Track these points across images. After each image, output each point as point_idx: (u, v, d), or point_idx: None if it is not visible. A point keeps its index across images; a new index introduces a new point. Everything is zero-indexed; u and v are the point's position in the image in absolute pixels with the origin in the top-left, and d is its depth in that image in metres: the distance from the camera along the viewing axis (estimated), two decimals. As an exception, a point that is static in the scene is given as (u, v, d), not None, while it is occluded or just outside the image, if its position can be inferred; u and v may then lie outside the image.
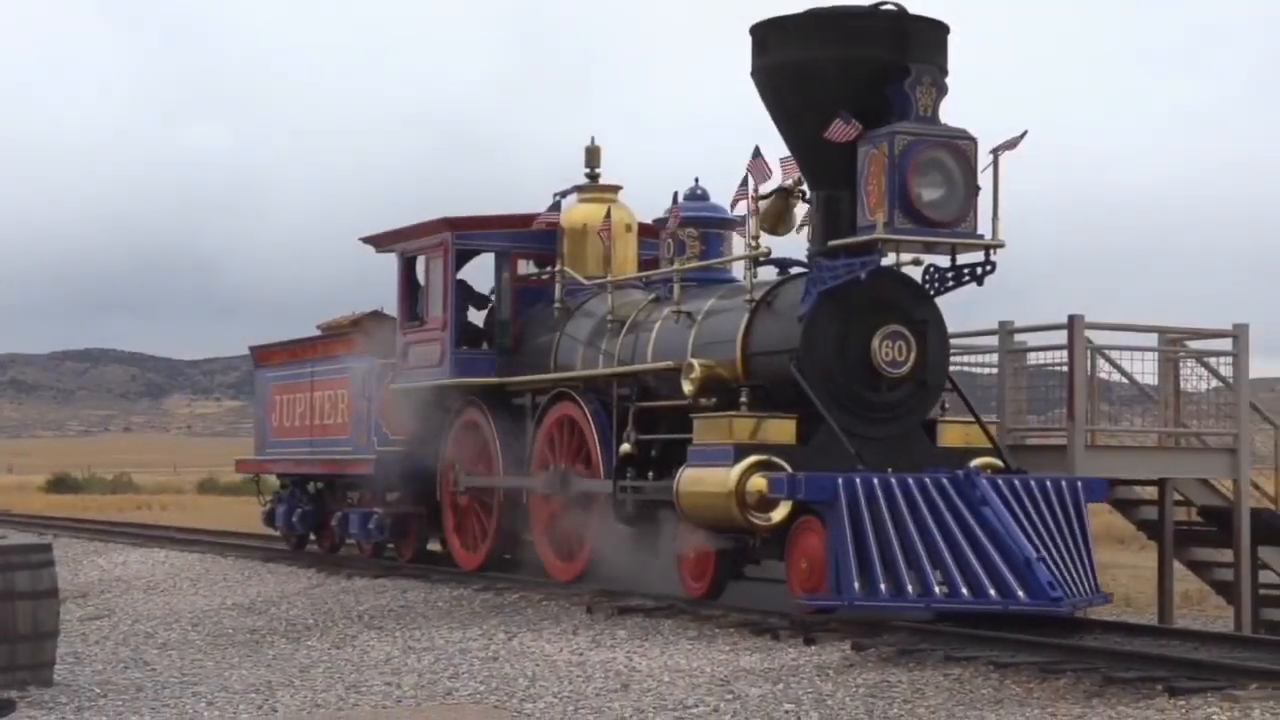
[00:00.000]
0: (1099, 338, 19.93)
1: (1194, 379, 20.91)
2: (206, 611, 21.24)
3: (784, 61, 16.90)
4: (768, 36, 17.09)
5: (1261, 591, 20.31)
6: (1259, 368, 22.18)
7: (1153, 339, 20.56)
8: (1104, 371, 20.17)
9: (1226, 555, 20.43)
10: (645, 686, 13.86)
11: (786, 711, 12.44)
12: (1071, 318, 19.36)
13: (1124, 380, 20.71)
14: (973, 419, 17.85)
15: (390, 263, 24.19)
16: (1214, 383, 20.79)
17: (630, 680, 14.23)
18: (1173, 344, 20.69)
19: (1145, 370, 20.63)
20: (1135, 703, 12.09)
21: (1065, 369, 19.51)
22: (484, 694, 13.90)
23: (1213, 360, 20.65)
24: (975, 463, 16.76)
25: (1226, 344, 20.58)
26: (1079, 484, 16.23)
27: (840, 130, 15.96)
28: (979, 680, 13.36)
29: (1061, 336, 19.61)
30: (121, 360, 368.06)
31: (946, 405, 17.83)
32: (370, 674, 15.31)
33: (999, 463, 17.16)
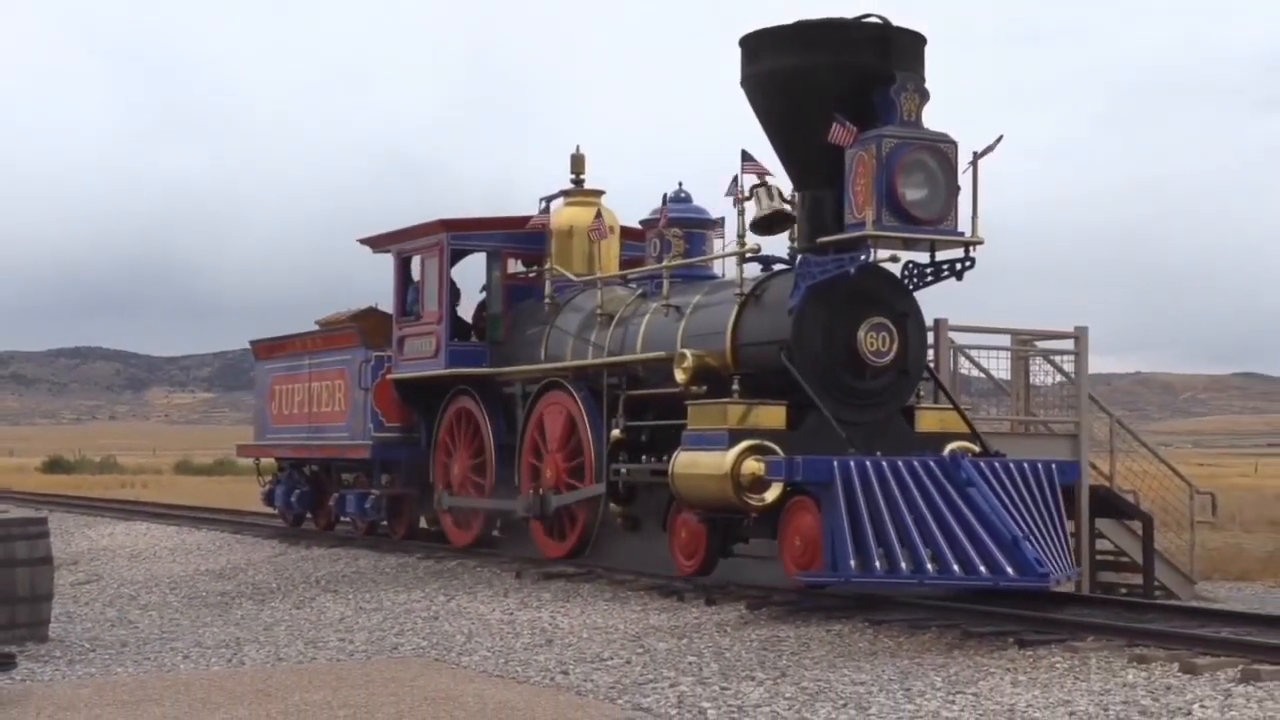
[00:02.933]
0: (960, 338, 19.94)
1: (1041, 374, 21.03)
2: (182, 577, 21.08)
3: (775, 69, 15.85)
4: (759, 46, 16.07)
5: (1098, 558, 20.40)
6: (1097, 364, 22.36)
7: (1006, 339, 20.62)
8: (964, 368, 20.21)
9: (1069, 526, 20.49)
10: (567, 642, 13.85)
11: (690, 663, 12.44)
12: (937, 321, 19.33)
13: (981, 375, 20.76)
14: (950, 405, 16.96)
15: (368, 264, 23.66)
16: (1058, 378, 20.93)
17: (554, 636, 14.21)
18: (1023, 344, 20.77)
19: (999, 367, 20.68)
20: (990, 653, 12.21)
21: (931, 365, 19.51)
22: (426, 649, 13.85)
23: (1057, 358, 20.77)
24: (951, 446, 15.84)
25: (1069, 344, 20.70)
26: (1054, 466, 15.29)
27: (840, 134, 14.99)
28: (856, 635, 13.45)
29: (928, 337, 19.57)
30: (108, 357, 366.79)
31: (921, 393, 16.94)
32: (326, 631, 15.23)
33: (974, 446, 16.20)
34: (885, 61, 15.44)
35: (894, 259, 15.97)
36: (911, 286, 16.30)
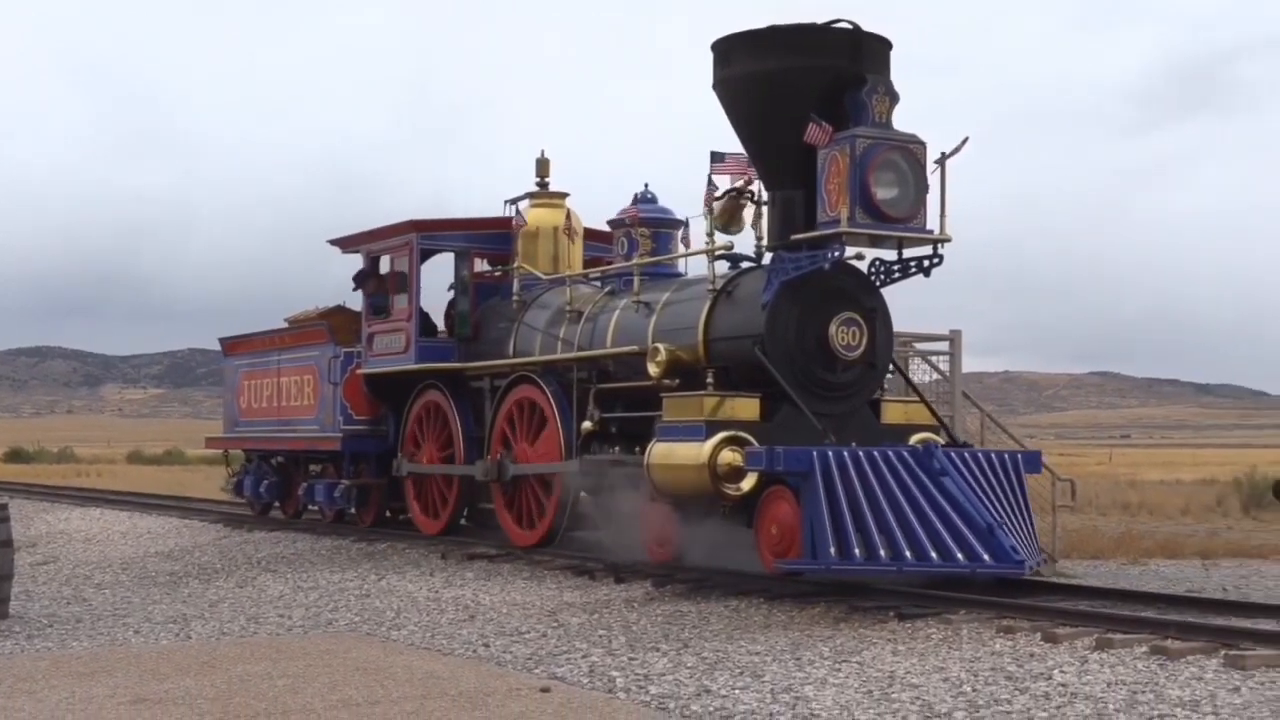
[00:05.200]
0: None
1: (919, 373, 21.08)
2: (133, 558, 20.85)
3: (748, 72, 14.83)
4: (731, 50, 15.04)
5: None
6: (969, 364, 22.40)
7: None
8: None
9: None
10: (488, 617, 13.80)
11: (601, 636, 12.43)
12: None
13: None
14: (916, 398, 16.12)
15: (310, 273, 23.18)
16: (935, 376, 21.02)
17: (476, 612, 14.16)
18: (903, 345, 20.80)
19: (881, 366, 20.66)
20: (873, 625, 12.29)
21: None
22: (358, 624, 13.76)
23: (934, 358, 20.84)
24: (915, 437, 15.03)
25: (944, 345, 20.78)
26: (1019, 456, 14.46)
27: (816, 133, 14.10)
28: (752, 610, 13.47)
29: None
30: (66, 356, 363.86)
31: (886, 386, 16.11)
32: (267, 608, 15.11)
33: (936, 437, 15.35)
34: (856, 65, 14.57)
35: (859, 257, 15.09)
36: (879, 283, 15.45)
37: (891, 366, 16.02)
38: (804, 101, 14.41)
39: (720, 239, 15.88)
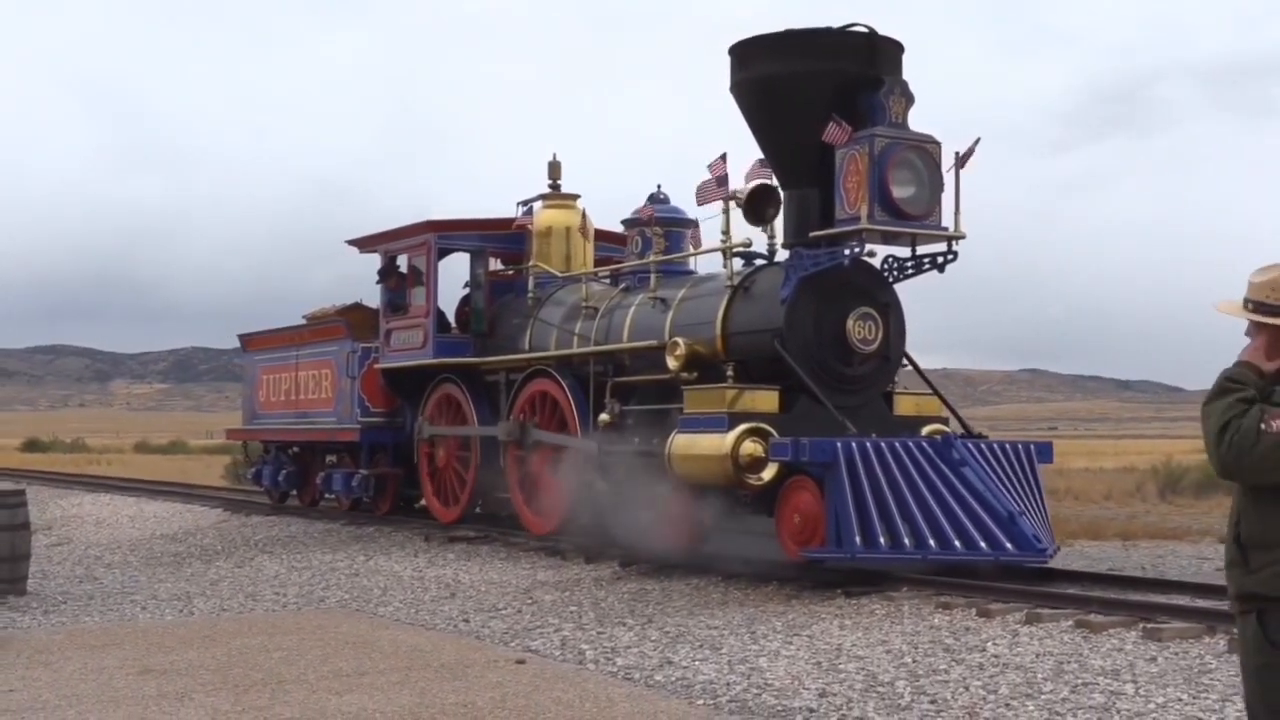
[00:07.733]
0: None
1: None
2: (140, 540, 20.75)
3: (765, 75, 14.08)
4: (749, 54, 14.30)
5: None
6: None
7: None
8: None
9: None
10: (468, 594, 13.79)
11: (571, 611, 12.42)
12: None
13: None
14: (930, 391, 15.35)
15: (300, 278, 22.77)
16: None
17: (457, 590, 14.14)
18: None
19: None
20: (821, 602, 12.27)
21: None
22: (348, 601, 13.72)
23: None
24: (927, 429, 14.42)
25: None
26: (1032, 447, 13.81)
27: (835, 133, 13.36)
28: (711, 588, 13.46)
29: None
30: (78, 353, 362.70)
31: (898, 379, 15.24)
32: (263, 586, 15.06)
33: (946, 428, 14.70)
34: (872, 68, 13.84)
35: (870, 254, 14.31)
36: (891, 279, 14.71)
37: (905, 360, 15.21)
38: (820, 103, 13.72)
39: (737, 237, 15.06)
